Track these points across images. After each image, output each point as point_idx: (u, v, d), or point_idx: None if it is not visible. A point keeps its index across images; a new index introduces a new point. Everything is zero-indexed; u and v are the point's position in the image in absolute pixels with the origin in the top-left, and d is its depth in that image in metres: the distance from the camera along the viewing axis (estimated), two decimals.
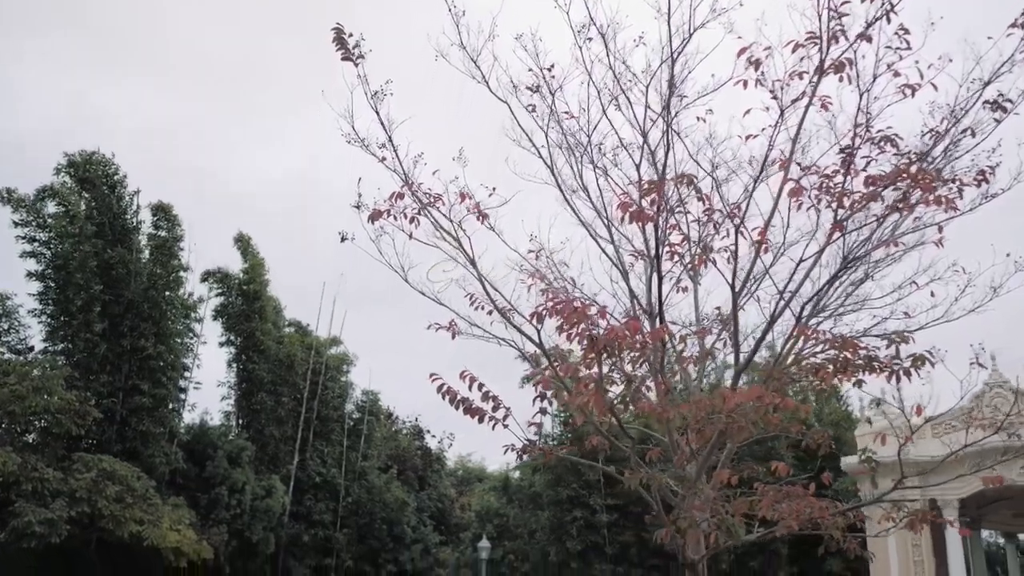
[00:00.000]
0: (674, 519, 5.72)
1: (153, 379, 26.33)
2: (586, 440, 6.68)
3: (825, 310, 7.05)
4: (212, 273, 30.54)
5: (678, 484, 6.13)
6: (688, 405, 5.40)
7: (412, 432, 43.51)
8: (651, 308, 6.65)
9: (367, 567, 33.65)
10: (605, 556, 33.17)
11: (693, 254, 6.72)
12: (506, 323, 7.22)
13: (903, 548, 24.93)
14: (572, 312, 5.17)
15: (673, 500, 6.51)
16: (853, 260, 6.36)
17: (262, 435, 30.99)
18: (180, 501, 25.70)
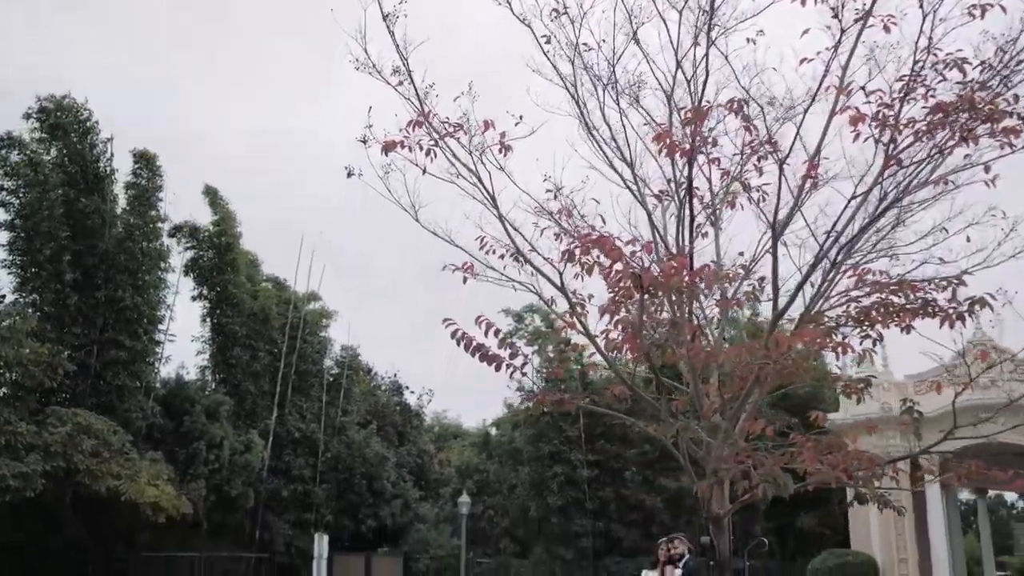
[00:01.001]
0: (714, 470, 5.39)
1: (130, 332, 25.66)
2: (608, 389, 6.28)
3: (853, 256, 6.68)
4: (180, 228, 29.61)
5: (711, 435, 5.80)
6: (736, 349, 5.04)
7: (391, 388, 43.17)
8: (680, 251, 6.25)
9: (347, 522, 33.48)
10: (585, 511, 33.28)
11: (724, 192, 6.31)
12: (520, 265, 6.79)
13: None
14: (613, 248, 4.77)
15: (697, 453, 6.19)
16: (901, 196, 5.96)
17: (238, 390, 30.48)
18: (158, 456, 25.22)
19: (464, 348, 6.23)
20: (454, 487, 37.74)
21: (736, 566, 6.00)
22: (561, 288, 6.31)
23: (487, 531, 36.17)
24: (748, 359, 5.01)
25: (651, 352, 5.42)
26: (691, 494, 29.94)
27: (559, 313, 6.52)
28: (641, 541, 33.08)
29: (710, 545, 6.28)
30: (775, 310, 5.62)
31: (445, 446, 48.89)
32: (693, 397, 6.04)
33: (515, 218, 6.89)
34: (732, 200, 6.33)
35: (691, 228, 5.77)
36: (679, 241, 6.37)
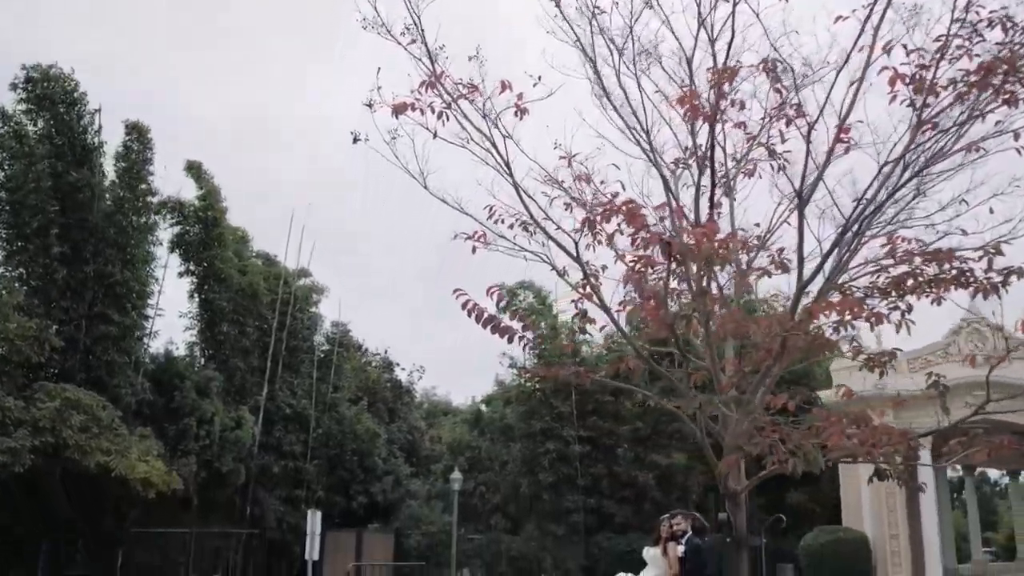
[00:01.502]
0: (738, 445, 5.22)
1: (119, 307, 25.31)
2: (622, 362, 6.09)
3: (873, 227, 6.49)
4: (164, 204, 29.07)
5: (734, 409, 5.63)
6: (766, 320, 4.86)
7: (382, 365, 42.99)
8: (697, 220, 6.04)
9: (338, 498, 33.40)
10: (577, 488, 33.26)
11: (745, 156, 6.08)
12: (530, 236, 6.58)
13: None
14: (638, 215, 4.56)
15: (713, 428, 6.02)
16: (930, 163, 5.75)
17: (227, 366, 30.18)
18: (147, 432, 24.97)
19: (475, 320, 6.03)
20: (445, 464, 37.68)
21: (753, 543, 5.85)
22: (576, 258, 6.10)
23: (478, 507, 36.16)
24: (777, 330, 4.83)
25: (675, 323, 5.24)
26: (682, 471, 29.99)
27: (572, 284, 6.30)
28: (632, 518, 33.14)
29: (727, 522, 6.12)
30: (799, 280, 5.43)
31: (435, 423, 48.82)
32: (710, 371, 5.85)
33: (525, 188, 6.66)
34: (753, 168, 6.13)
35: (712, 194, 5.54)
36: (696, 210, 6.16)
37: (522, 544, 32.70)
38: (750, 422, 5.35)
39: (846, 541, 23.87)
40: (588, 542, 32.93)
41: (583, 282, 6.16)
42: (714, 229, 4.58)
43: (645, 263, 5.24)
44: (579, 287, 6.20)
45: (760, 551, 7.26)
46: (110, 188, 26.09)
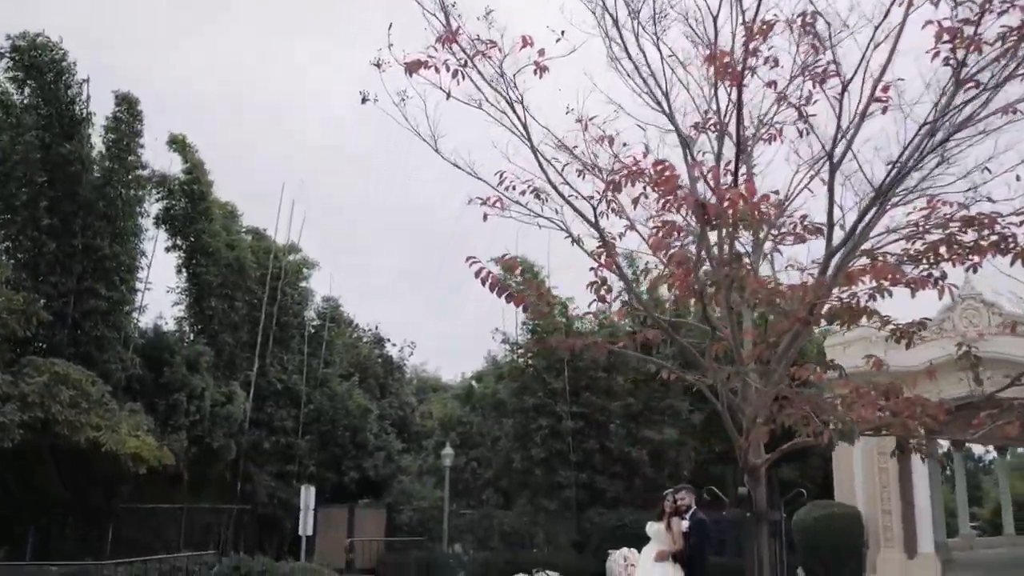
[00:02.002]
0: (773, 415, 5.05)
1: (108, 281, 24.95)
2: (638, 334, 5.89)
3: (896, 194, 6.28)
4: (148, 179, 28.53)
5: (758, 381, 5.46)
6: (800, 287, 4.67)
7: (373, 340, 42.80)
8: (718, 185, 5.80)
9: (329, 473, 33.30)
10: (569, 463, 33.23)
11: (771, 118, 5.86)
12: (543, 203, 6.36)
13: (868, 456, 25.22)
14: (669, 177, 4.34)
15: (734, 401, 5.85)
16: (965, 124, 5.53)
17: (216, 341, 29.90)
18: (137, 407, 24.75)
19: (489, 288, 5.83)
20: (437, 439, 37.59)
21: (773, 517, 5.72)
22: (595, 224, 5.88)
23: (470, 483, 36.12)
24: (811, 297, 4.65)
25: (704, 290, 5.04)
26: (674, 446, 29.95)
27: (589, 252, 6.09)
28: (624, 493, 33.18)
29: (747, 496, 5.97)
30: (828, 247, 5.23)
31: (425, 399, 48.75)
32: (730, 342, 5.67)
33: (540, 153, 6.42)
34: (779, 130, 5.91)
35: (737, 157, 5.31)
36: (716, 176, 5.92)
37: (514, 519, 32.71)
38: (777, 393, 5.17)
39: (839, 516, 23.93)
40: (580, 517, 32.96)
41: (600, 250, 5.93)
42: (752, 190, 4.36)
43: (669, 229, 5.03)
44: (595, 255, 5.99)
45: (780, 525, 7.15)
46: (98, 160, 25.68)
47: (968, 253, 5.01)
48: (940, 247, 5.04)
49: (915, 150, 5.41)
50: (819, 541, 23.92)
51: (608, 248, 5.75)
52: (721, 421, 26.02)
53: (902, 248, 5.31)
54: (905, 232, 5.26)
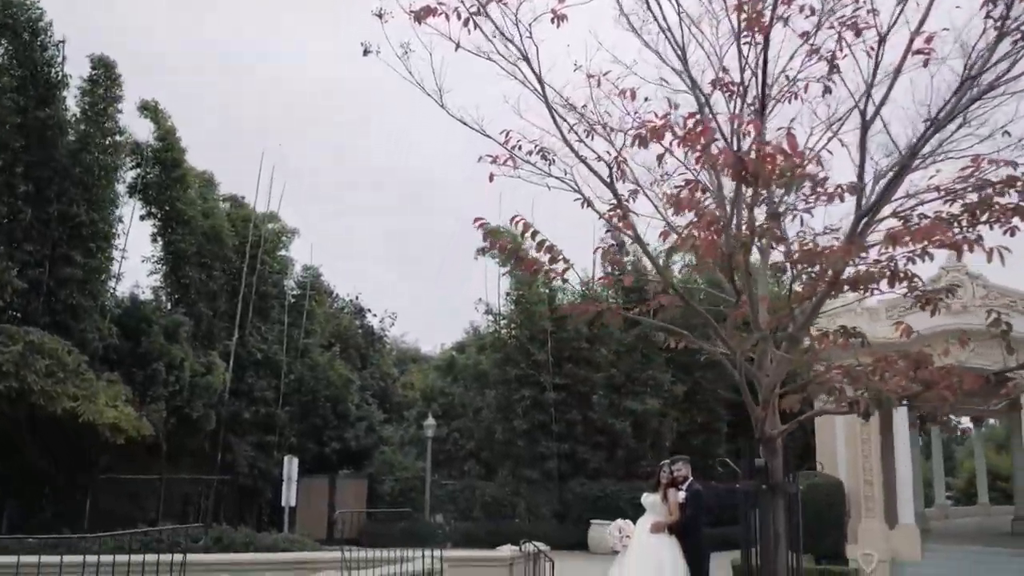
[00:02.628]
0: (804, 385, 4.84)
1: (84, 249, 24.39)
2: (652, 300, 5.64)
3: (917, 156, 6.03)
4: (121, 145, 27.74)
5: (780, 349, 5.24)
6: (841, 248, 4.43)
7: (353, 311, 42.45)
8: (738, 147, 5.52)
9: (311, 444, 33.06)
10: (551, 434, 33.21)
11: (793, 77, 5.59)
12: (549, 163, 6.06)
13: (851, 427, 25.29)
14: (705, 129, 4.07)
15: (750, 370, 5.63)
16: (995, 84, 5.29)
17: (194, 311, 29.43)
18: (115, 377, 24.33)
19: (499, 251, 5.57)
20: (419, 410, 37.42)
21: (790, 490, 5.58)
22: (610, 184, 5.61)
23: (452, 453, 36.02)
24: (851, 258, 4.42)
25: (734, 253, 4.78)
26: (656, 417, 29.89)
27: (601, 214, 5.82)
28: (606, 464, 33.25)
29: (763, 468, 5.78)
30: (859, 208, 4.99)
31: (405, 370, 48.54)
32: (748, 308, 5.43)
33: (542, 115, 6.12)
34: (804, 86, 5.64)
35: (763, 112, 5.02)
36: (737, 137, 5.64)
37: (496, 490, 32.68)
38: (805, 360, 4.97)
39: (821, 486, 23.97)
40: (562, 487, 33.01)
41: (612, 213, 5.66)
42: (793, 144, 4.09)
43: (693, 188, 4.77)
44: (609, 216, 5.71)
45: (797, 498, 7.04)
46: (74, 124, 24.97)
47: (1010, 215, 4.78)
48: (977, 209, 4.82)
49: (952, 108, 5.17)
50: (803, 510, 23.99)
51: (623, 209, 5.48)
52: (702, 392, 26.12)
53: (934, 211, 5.09)
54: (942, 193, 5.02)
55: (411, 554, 13.88)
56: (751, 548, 6.31)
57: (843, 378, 4.57)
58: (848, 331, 5.19)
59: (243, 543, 18.61)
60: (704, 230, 4.38)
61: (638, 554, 10.44)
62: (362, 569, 12.72)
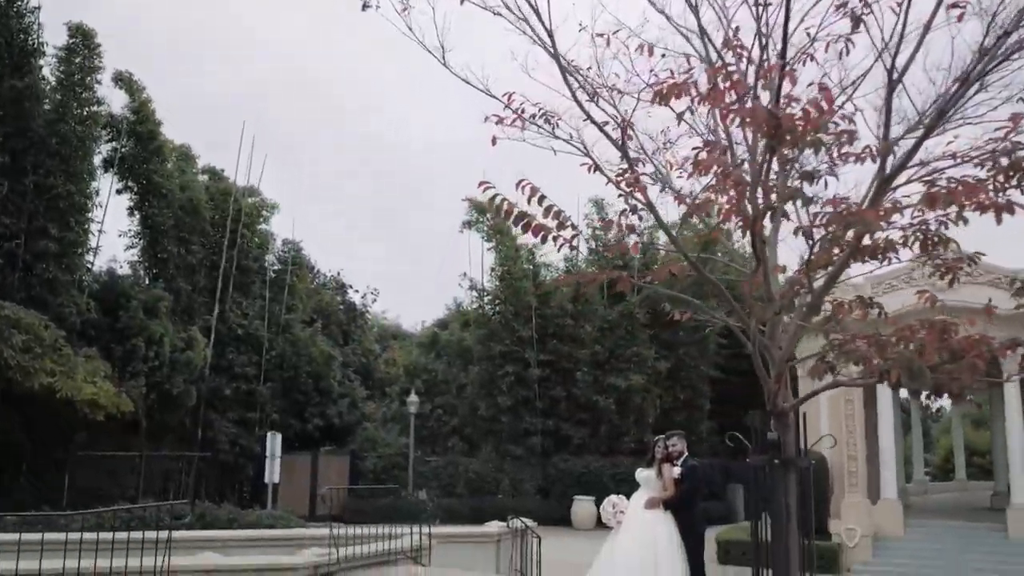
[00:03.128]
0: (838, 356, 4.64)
1: (61, 222, 23.86)
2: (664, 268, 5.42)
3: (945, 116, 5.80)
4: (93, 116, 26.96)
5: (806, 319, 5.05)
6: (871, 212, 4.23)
7: (335, 287, 42.06)
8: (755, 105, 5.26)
9: (292, 420, 32.78)
10: (535, 410, 33.15)
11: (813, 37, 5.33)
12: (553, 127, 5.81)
13: (835, 402, 25.36)
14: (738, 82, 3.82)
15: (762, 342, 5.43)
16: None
17: (173, 286, 28.95)
18: (93, 352, 23.91)
19: (504, 217, 5.32)
20: (402, 386, 37.22)
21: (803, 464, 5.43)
22: (621, 146, 5.36)
23: (435, 430, 35.90)
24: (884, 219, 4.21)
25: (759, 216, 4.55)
26: (640, 393, 29.84)
27: (610, 178, 5.58)
28: (589, 440, 33.26)
29: (776, 442, 5.61)
30: (881, 172, 4.77)
31: (386, 346, 48.30)
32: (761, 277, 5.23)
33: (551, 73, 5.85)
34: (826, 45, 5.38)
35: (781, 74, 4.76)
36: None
37: (479, 466, 32.61)
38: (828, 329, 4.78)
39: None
40: (545, 463, 32.99)
41: (622, 177, 5.42)
42: (830, 98, 3.85)
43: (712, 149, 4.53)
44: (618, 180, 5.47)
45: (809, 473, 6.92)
46: (51, 94, 24.34)
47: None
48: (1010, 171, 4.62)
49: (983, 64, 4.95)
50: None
51: (635, 173, 5.25)
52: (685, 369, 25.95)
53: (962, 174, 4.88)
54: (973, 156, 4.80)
55: (399, 530, 13.70)
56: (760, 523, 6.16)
57: (870, 348, 4.39)
58: (864, 300, 5.01)
59: (226, 520, 18.40)
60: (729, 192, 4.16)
61: (632, 530, 10.28)
62: (350, 546, 12.52)
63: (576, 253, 37.65)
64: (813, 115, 3.88)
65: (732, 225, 4.69)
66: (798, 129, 3.86)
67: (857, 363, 4.43)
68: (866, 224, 4.15)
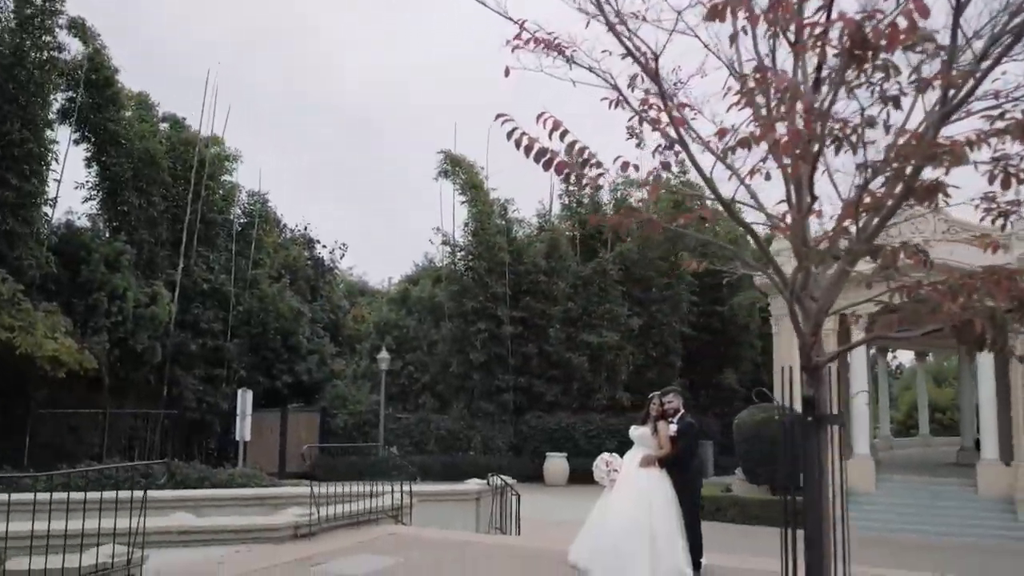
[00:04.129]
0: (907, 303, 4.25)
1: (18, 171, 22.78)
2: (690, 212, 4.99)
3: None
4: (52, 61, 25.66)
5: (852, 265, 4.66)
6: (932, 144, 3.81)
7: (303, 242, 41.17)
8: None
9: (261, 377, 32.15)
10: (508, 367, 32.90)
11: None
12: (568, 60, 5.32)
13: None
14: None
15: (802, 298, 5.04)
16: None
17: (134, 238, 27.99)
18: (54, 307, 23.05)
19: (524, 152, 4.84)
20: (372, 343, 36.71)
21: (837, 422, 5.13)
22: (655, 77, 4.88)
23: (406, 387, 35.53)
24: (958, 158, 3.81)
25: (824, 145, 4.12)
26: (613, 350, 29.60)
27: (636, 109, 5.11)
28: (562, 397, 33.13)
29: (810, 399, 5.26)
30: (945, 102, 4.34)
31: (354, 303, 47.66)
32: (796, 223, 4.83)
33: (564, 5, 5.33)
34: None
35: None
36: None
37: (451, 423, 32.36)
38: (886, 276, 4.41)
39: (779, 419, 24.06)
40: (517, 420, 32.85)
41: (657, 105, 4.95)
42: (922, 7, 3.39)
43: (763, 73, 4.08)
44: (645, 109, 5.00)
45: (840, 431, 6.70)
46: (7, 36, 23.09)
47: None
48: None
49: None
50: (760, 441, 24.10)
51: (668, 105, 4.78)
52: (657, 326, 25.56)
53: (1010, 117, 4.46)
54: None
55: (380, 488, 13.36)
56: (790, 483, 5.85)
57: (945, 296, 4.02)
58: (915, 247, 4.64)
59: (197, 479, 17.88)
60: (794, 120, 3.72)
61: (626, 489, 9.92)
62: (330, 505, 12.15)
63: (551, 208, 37.17)
64: (904, 27, 3.45)
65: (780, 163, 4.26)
66: (888, 43, 3.42)
67: (932, 312, 4.06)
68: (955, 157, 3.74)
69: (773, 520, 23.81)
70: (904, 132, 4.06)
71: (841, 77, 3.87)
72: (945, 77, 3.89)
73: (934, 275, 4.69)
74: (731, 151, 4.46)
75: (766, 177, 4.69)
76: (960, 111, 4.61)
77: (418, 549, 10.61)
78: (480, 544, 11.81)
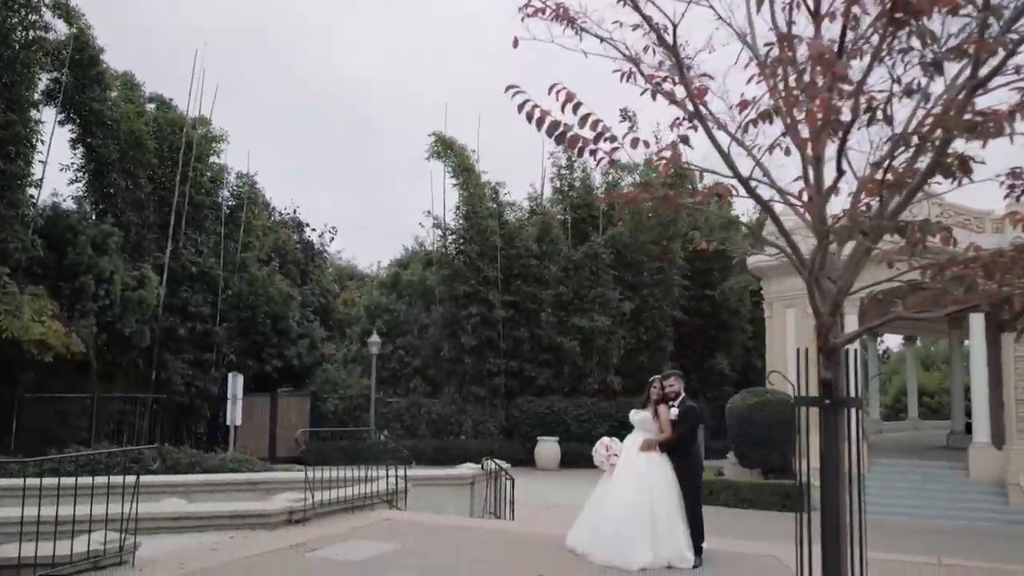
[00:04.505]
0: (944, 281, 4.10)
1: (3, 153, 22.37)
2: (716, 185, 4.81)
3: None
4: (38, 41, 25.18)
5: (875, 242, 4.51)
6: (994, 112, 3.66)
7: (292, 225, 40.82)
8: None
9: (251, 362, 31.90)
10: (499, 351, 32.78)
11: None
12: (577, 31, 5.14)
13: (803, 340, 25.34)
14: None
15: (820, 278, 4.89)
16: None
17: (121, 221, 27.62)
18: (40, 291, 22.75)
19: (536, 125, 4.66)
20: (363, 327, 36.48)
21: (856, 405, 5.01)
22: (672, 47, 4.70)
23: (397, 371, 35.36)
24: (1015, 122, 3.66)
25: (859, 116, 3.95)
26: (604, 334, 29.49)
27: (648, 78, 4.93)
28: (553, 381, 33.06)
29: (828, 381, 5.11)
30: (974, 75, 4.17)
31: (343, 287, 47.40)
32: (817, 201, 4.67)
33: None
34: None
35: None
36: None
37: (442, 407, 32.23)
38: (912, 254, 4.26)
39: (772, 403, 24.02)
40: (509, 404, 32.77)
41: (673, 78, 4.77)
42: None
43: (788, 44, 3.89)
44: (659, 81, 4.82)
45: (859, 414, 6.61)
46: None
47: None
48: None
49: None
50: (753, 426, 24.09)
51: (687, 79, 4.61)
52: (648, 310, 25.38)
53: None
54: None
55: (375, 473, 13.21)
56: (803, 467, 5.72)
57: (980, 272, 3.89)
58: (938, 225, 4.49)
59: (188, 464, 17.66)
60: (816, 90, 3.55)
61: (627, 474, 9.80)
62: (324, 490, 12.00)
63: (542, 192, 36.95)
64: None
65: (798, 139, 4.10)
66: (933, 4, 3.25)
67: (969, 289, 3.91)
68: (998, 127, 3.59)
69: (765, 503, 23.86)
70: (939, 103, 3.89)
71: (881, 42, 3.69)
72: (980, 44, 3.72)
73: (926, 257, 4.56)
74: (753, 124, 4.30)
75: (786, 152, 4.53)
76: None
77: (414, 534, 10.47)
78: (476, 529, 11.68)
